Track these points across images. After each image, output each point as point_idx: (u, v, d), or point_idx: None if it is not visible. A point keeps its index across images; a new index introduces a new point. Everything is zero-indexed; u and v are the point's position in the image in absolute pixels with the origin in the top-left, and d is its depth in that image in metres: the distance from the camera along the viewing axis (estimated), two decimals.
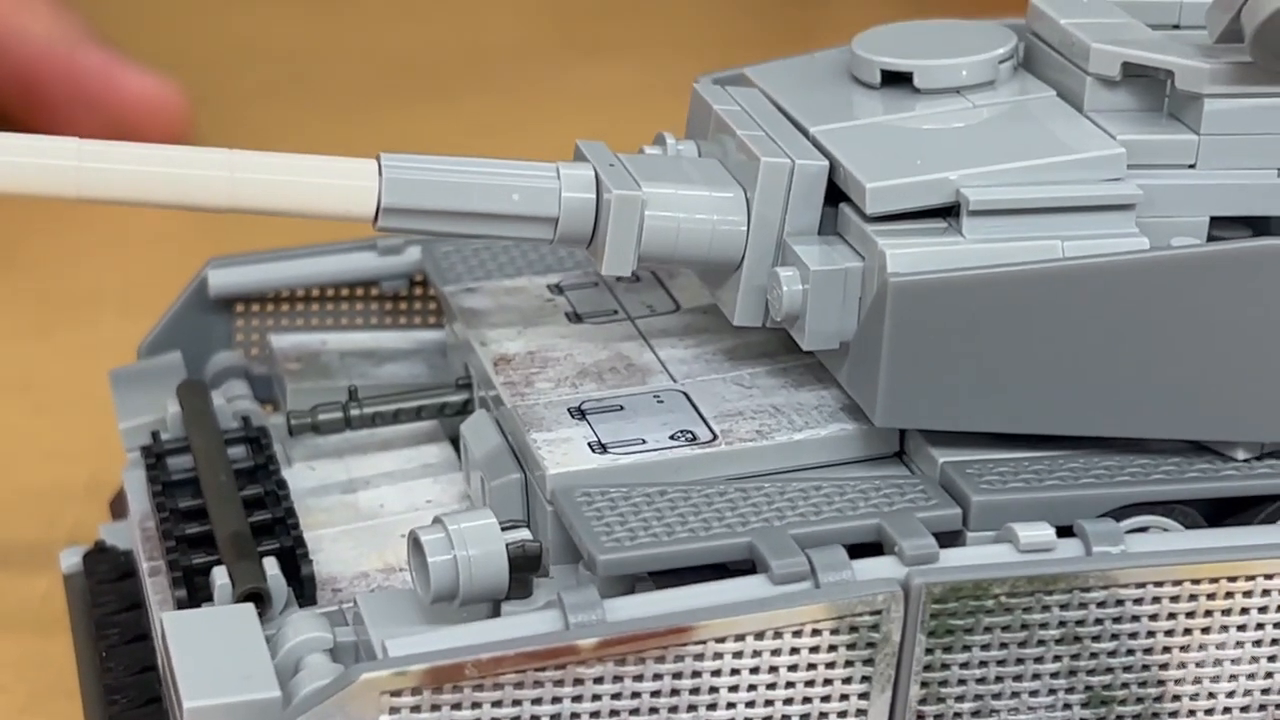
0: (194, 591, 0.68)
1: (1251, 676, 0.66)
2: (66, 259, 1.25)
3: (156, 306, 0.92)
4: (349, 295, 0.85)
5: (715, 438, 0.67)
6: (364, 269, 0.84)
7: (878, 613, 0.61)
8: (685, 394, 0.70)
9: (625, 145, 0.74)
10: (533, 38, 1.72)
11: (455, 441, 0.76)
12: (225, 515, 0.70)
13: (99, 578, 0.78)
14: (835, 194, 0.68)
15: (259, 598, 0.66)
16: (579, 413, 0.69)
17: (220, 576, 0.67)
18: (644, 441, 0.67)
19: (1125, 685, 0.65)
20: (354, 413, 0.76)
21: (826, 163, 0.68)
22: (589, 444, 0.67)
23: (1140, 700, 0.65)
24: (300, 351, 0.82)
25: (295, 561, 0.68)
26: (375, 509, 0.73)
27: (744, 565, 0.63)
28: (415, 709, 0.59)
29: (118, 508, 0.84)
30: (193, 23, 1.71)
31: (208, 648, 0.62)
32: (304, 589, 0.68)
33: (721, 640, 0.60)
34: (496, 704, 0.59)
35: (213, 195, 0.67)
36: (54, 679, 0.84)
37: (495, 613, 0.63)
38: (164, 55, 1.55)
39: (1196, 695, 0.65)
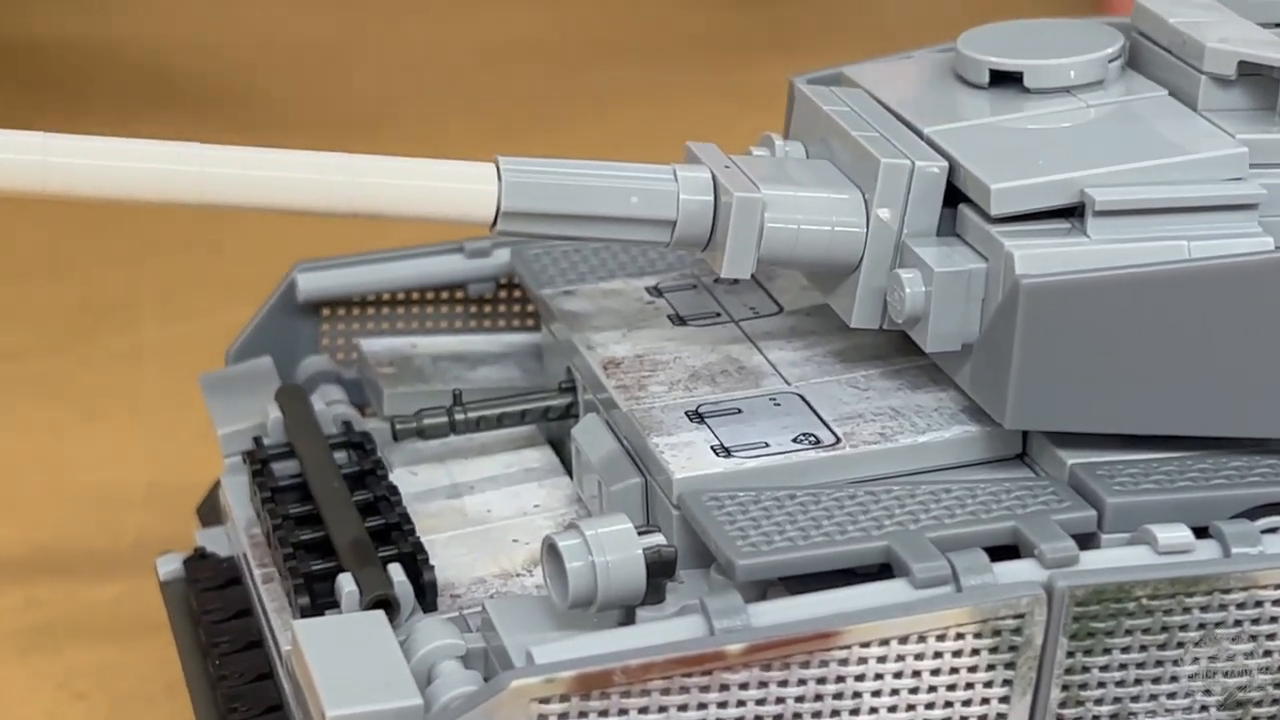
0: (315, 599, 0.68)
1: None
2: (103, 265, 1.26)
3: (197, 310, 0.92)
4: (435, 299, 0.85)
5: (839, 440, 0.67)
6: (452, 272, 0.85)
7: (1020, 616, 0.61)
8: (801, 396, 0.70)
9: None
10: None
11: (555, 445, 0.76)
12: (343, 521, 0.70)
13: (203, 585, 0.78)
14: (952, 195, 0.68)
15: (388, 604, 0.66)
16: (697, 416, 0.69)
17: (346, 584, 0.67)
18: (767, 445, 0.67)
19: (1261, 687, 0.64)
20: (459, 417, 0.76)
21: (946, 163, 0.68)
22: (712, 448, 0.67)
23: (1276, 702, 0.65)
24: (392, 356, 0.82)
25: (417, 567, 0.68)
26: (483, 514, 0.74)
27: (874, 570, 0.63)
28: (563, 715, 0.59)
29: (207, 513, 0.85)
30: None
31: (343, 655, 0.62)
32: (427, 595, 0.68)
33: (866, 645, 0.60)
34: (643, 710, 0.59)
35: (332, 200, 0.68)
36: (134, 686, 0.87)
37: (628, 619, 0.63)
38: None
39: None
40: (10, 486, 1.01)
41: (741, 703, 0.60)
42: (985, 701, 0.62)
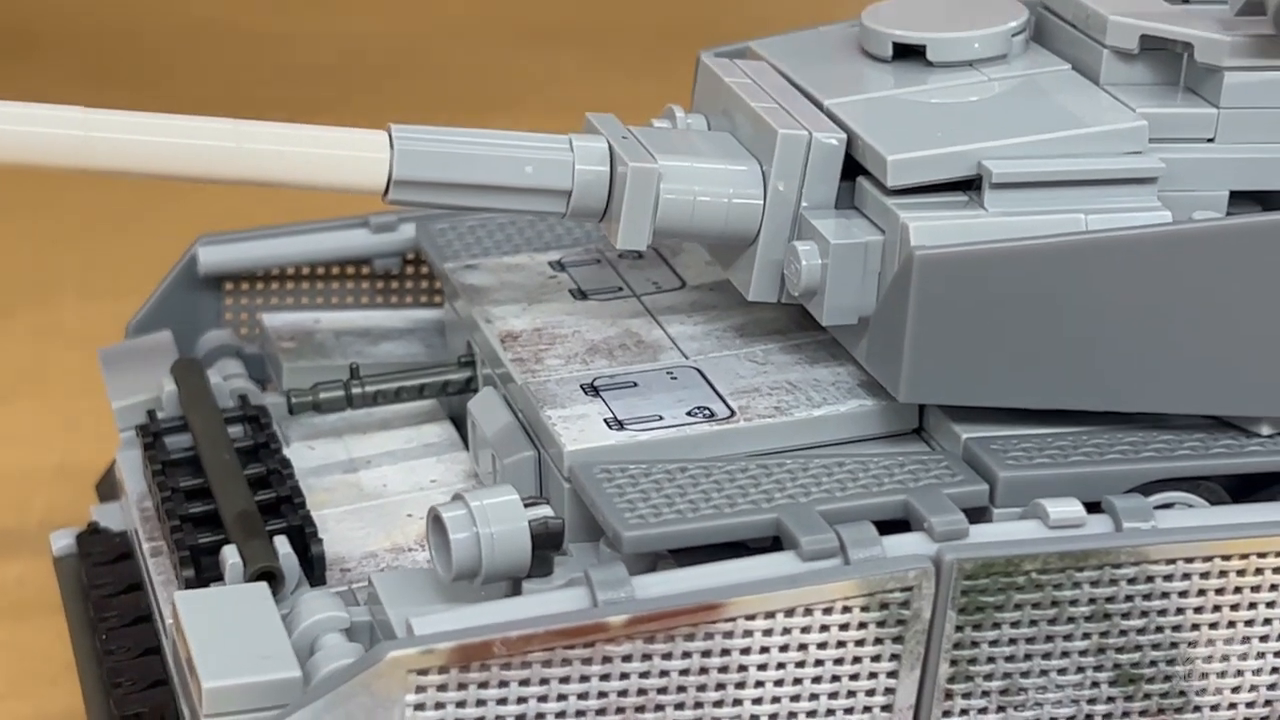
0: (200, 571, 0.68)
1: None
2: (23, 242, 1.25)
3: (113, 290, 0.92)
4: (340, 274, 0.86)
5: (733, 414, 0.67)
6: (357, 247, 0.85)
7: (908, 589, 0.61)
8: (698, 370, 0.70)
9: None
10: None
11: (455, 420, 0.77)
12: (231, 494, 0.70)
13: (94, 559, 0.78)
14: (850, 168, 0.69)
15: (272, 577, 0.66)
16: (592, 389, 0.69)
17: (231, 556, 0.67)
18: (661, 418, 0.68)
19: (1154, 663, 0.65)
20: (356, 391, 0.76)
21: (844, 135, 0.68)
22: (605, 420, 0.67)
23: (1168, 678, 0.65)
24: (293, 330, 0.82)
25: (305, 541, 0.68)
26: (379, 489, 0.74)
27: (765, 543, 0.63)
28: (442, 688, 0.59)
29: (106, 490, 0.85)
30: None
31: (223, 627, 0.62)
32: (314, 569, 0.68)
33: (751, 618, 0.60)
34: (524, 682, 0.59)
35: (220, 166, 0.67)
36: (34, 665, 0.86)
37: (514, 591, 0.63)
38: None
39: (1224, 673, 0.66)
40: None
41: (625, 675, 0.60)
42: (873, 676, 0.63)
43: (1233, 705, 0.67)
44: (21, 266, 1.22)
